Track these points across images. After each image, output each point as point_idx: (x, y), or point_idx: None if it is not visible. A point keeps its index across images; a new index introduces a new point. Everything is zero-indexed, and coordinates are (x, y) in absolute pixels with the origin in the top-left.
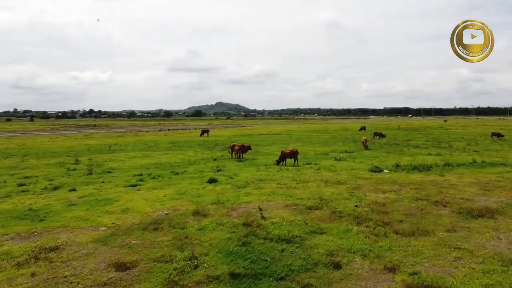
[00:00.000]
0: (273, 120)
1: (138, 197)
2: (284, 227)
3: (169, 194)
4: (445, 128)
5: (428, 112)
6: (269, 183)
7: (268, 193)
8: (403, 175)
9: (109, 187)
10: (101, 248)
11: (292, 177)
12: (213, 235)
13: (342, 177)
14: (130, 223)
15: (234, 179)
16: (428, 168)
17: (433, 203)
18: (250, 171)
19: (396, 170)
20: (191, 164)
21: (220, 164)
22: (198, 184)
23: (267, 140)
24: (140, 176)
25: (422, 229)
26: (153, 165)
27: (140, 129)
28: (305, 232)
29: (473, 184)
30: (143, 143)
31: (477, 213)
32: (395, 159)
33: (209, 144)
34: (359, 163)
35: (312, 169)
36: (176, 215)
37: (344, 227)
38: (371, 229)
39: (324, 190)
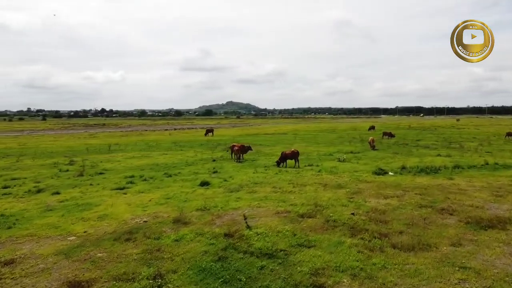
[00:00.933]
0: (283, 120)
1: (121, 202)
2: (269, 239)
3: (155, 198)
4: (457, 127)
5: (441, 111)
6: (264, 186)
7: (260, 198)
8: (409, 178)
9: (95, 190)
10: (62, 262)
11: (289, 180)
12: (188, 248)
13: (343, 180)
14: (103, 232)
15: (228, 182)
16: (436, 171)
17: (439, 211)
18: (247, 173)
19: (402, 173)
20: (188, 165)
21: (218, 166)
22: (189, 187)
23: (271, 140)
24: (131, 178)
25: (424, 242)
26: (149, 166)
27: (147, 128)
28: (291, 245)
29: (484, 188)
30: (144, 143)
31: (487, 223)
32: (402, 161)
33: (212, 144)
34: (363, 165)
35: (312, 171)
36: (155, 223)
37: (336, 239)
38: (366, 242)
39: (321, 195)
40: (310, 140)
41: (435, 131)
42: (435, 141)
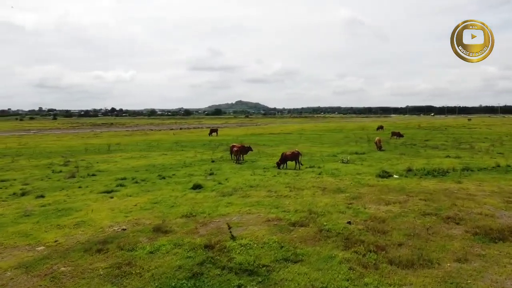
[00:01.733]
0: (291, 119)
1: (105, 207)
2: (253, 252)
3: (141, 203)
4: (468, 127)
5: (452, 111)
6: (260, 190)
7: (253, 203)
8: (414, 181)
9: (81, 194)
10: (20, 277)
11: (287, 183)
12: (162, 261)
13: (343, 183)
14: (75, 241)
15: (223, 184)
16: (444, 173)
17: (444, 220)
18: (244, 176)
19: (407, 175)
20: (185, 167)
21: (216, 167)
22: (180, 190)
23: (275, 140)
24: (123, 180)
25: (425, 257)
26: (145, 167)
27: (154, 127)
28: (275, 260)
29: (495, 194)
30: (146, 143)
31: (497, 234)
32: (408, 162)
33: (214, 144)
34: (367, 167)
35: (313, 173)
36: (133, 232)
37: (326, 253)
38: (359, 257)
39: (318, 200)
40: (316, 140)
41: (445, 131)
42: (444, 141)
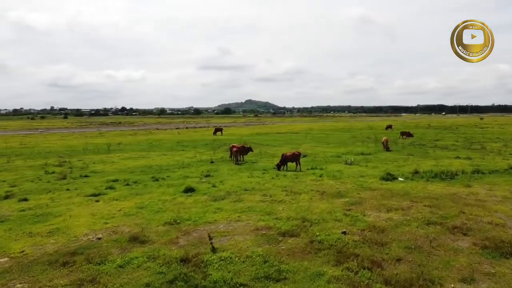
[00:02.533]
0: (300, 118)
1: (87, 212)
2: (232, 267)
3: (126, 207)
4: (480, 126)
5: (464, 110)
6: (254, 194)
7: (244, 208)
8: (420, 185)
9: (66, 197)
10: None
11: (285, 186)
12: (130, 278)
13: (344, 187)
14: (42, 252)
15: (216, 187)
16: (453, 176)
17: (450, 230)
18: (241, 178)
19: (413, 178)
20: (182, 168)
21: (213, 168)
22: (170, 194)
23: (280, 140)
24: (115, 182)
25: (426, 276)
26: (140, 168)
27: (161, 126)
28: (256, 277)
29: (507, 200)
30: (148, 143)
31: (508, 248)
32: (415, 164)
33: (217, 144)
34: (371, 169)
35: (313, 176)
36: (108, 241)
37: (315, 269)
38: (351, 275)
39: (314, 205)
40: (321, 140)
41: (456, 130)
42: (455, 141)
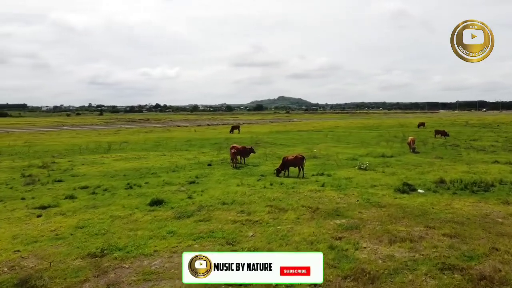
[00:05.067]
0: (331, 115)
1: (9, 233)
2: None
3: (64, 226)
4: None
5: (507, 106)
6: (230, 209)
7: (204, 233)
8: (444, 199)
9: (10, 209)
10: None
11: (274, 198)
12: None
13: (346, 201)
14: None
15: (192, 199)
16: (487, 187)
17: (474, 281)
18: (229, 186)
19: (437, 190)
20: (170, 171)
21: (205, 173)
22: (131, 207)
23: (296, 139)
24: (83, 189)
25: None
26: (125, 172)
27: (186, 123)
28: None
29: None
30: (156, 141)
31: None
32: (442, 170)
33: (228, 143)
34: (388, 176)
35: (315, 185)
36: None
37: None
38: None
39: (297, 230)
40: (342, 139)
41: (497, 128)
42: (494, 141)
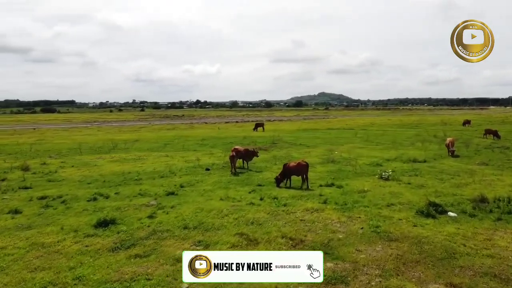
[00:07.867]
0: (371, 111)
1: None
2: None
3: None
4: None
5: None
6: (188, 238)
7: (122, 280)
8: (483, 230)
9: None
10: None
11: (253, 221)
12: None
13: (347, 228)
14: None
15: (152, 219)
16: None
17: None
18: (210, 200)
19: (474, 213)
20: (159, 177)
21: (196, 180)
22: (71, 229)
23: (320, 138)
24: (40, 200)
25: None
26: (110, 177)
27: (217, 120)
28: None
29: None
30: (168, 140)
31: None
32: (485, 182)
33: (244, 143)
34: (413, 189)
35: (315, 201)
36: None
37: None
38: None
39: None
40: (372, 138)
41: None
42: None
